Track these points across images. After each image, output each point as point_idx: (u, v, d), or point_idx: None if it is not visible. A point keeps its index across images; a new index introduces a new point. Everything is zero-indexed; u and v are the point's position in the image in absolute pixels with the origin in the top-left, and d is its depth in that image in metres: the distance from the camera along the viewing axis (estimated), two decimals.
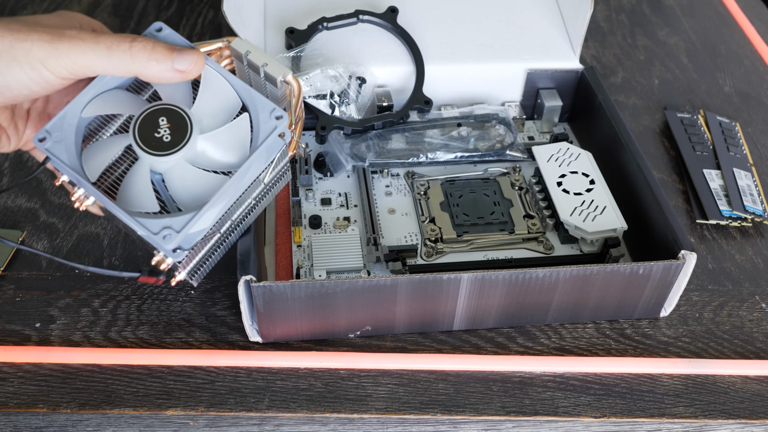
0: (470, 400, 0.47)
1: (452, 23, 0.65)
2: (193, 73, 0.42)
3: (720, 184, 0.62)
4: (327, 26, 0.62)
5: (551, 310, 0.50)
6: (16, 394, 0.46)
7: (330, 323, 0.48)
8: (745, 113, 0.72)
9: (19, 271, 0.53)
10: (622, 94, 0.73)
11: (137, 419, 0.46)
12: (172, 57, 0.41)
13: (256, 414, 0.45)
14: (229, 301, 0.52)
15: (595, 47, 0.80)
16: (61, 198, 0.59)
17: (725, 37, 0.83)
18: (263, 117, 0.44)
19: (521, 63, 0.63)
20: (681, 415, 0.46)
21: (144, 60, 0.41)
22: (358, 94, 0.59)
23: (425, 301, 0.48)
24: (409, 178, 0.59)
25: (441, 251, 0.53)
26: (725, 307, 0.54)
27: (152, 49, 0.41)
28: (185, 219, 0.41)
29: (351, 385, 0.47)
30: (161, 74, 0.42)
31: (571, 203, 0.53)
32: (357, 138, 0.59)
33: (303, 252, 0.54)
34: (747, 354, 0.50)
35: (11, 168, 0.61)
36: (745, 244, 0.58)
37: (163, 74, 0.42)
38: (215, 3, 0.82)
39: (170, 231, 0.41)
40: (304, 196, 0.58)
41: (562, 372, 0.49)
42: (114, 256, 0.55)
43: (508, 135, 0.61)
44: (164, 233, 0.41)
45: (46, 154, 0.43)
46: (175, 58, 0.41)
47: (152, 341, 0.49)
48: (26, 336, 0.49)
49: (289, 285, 0.45)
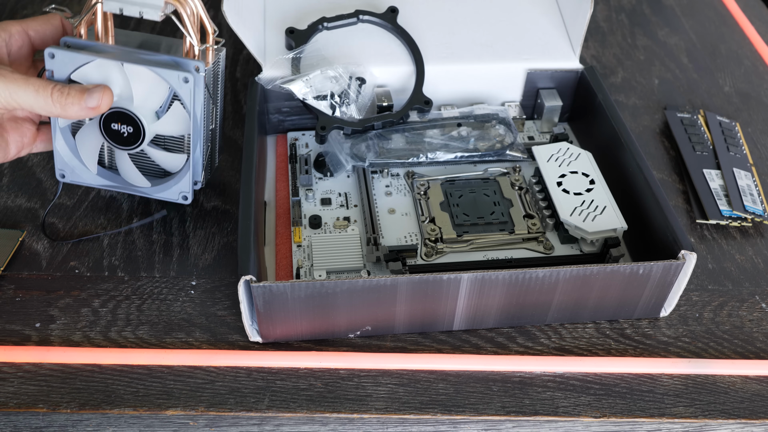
0: (470, 400, 0.47)
1: (452, 23, 0.65)
2: (103, 107, 0.49)
3: (720, 184, 0.62)
4: (327, 26, 0.62)
5: (551, 310, 0.50)
6: (16, 394, 0.46)
7: (330, 323, 0.48)
8: (745, 113, 0.72)
9: (19, 271, 0.53)
10: (622, 94, 0.73)
11: (137, 419, 0.46)
12: (83, 99, 0.48)
13: (256, 414, 0.45)
14: (229, 301, 0.52)
15: (595, 47, 0.80)
16: (61, 198, 0.59)
17: (725, 37, 0.83)
18: (177, 85, 0.50)
19: (521, 63, 0.63)
20: (681, 415, 0.46)
21: (61, 105, 0.48)
22: (358, 94, 0.59)
23: (425, 301, 0.48)
24: (409, 178, 0.59)
25: (441, 251, 0.53)
26: (725, 307, 0.54)
27: (67, 95, 0.48)
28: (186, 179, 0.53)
29: (351, 385, 0.47)
30: (78, 114, 0.49)
31: (571, 203, 0.53)
32: (357, 138, 0.59)
33: (303, 252, 0.54)
34: (747, 354, 0.50)
35: (11, 168, 0.61)
36: (745, 244, 0.58)
37: (79, 114, 0.49)
38: (215, 3, 0.82)
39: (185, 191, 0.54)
40: (304, 196, 0.58)
41: (562, 372, 0.49)
42: (114, 256, 0.55)
43: (508, 135, 0.61)
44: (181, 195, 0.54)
45: None
46: (86, 98, 0.48)
47: (152, 341, 0.49)
48: (26, 336, 0.49)
49: (289, 285, 0.45)
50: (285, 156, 0.61)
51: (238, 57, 0.75)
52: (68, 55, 0.49)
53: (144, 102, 0.51)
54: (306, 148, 0.62)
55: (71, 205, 0.58)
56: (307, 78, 0.58)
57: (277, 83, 0.59)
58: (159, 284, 0.53)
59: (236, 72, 0.73)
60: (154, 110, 0.52)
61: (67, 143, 0.53)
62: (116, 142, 0.52)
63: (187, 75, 0.49)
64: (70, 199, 0.59)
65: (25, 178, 0.60)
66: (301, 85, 0.58)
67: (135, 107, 0.50)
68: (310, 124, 0.64)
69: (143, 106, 0.51)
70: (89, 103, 0.48)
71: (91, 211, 0.58)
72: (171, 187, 0.54)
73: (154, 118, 0.52)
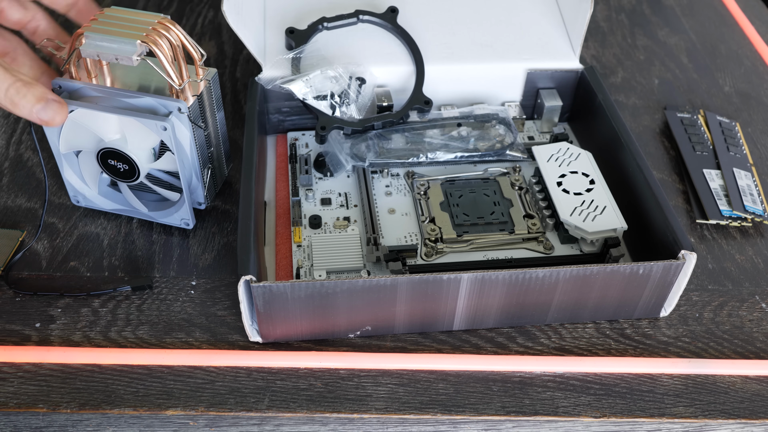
0: (470, 400, 0.47)
1: (452, 23, 0.65)
2: (56, 122, 0.48)
3: (720, 184, 0.62)
4: (327, 26, 0.62)
5: (551, 310, 0.50)
6: (16, 394, 0.46)
7: (330, 323, 0.48)
8: (745, 113, 0.72)
9: (19, 271, 0.53)
10: (622, 94, 0.73)
11: (137, 419, 0.46)
12: (36, 107, 0.47)
13: (256, 414, 0.45)
14: (229, 301, 0.52)
15: (595, 47, 0.80)
16: (61, 198, 0.59)
17: (725, 37, 0.83)
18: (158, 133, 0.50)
19: (521, 63, 0.63)
20: (681, 415, 0.46)
21: (11, 102, 0.47)
22: (358, 94, 0.59)
23: (425, 301, 0.48)
24: (409, 178, 0.59)
25: (441, 251, 0.53)
26: (725, 307, 0.54)
27: (23, 96, 0.47)
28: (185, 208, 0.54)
29: (351, 385, 0.47)
30: (29, 117, 0.48)
31: (571, 203, 0.53)
32: (357, 138, 0.59)
33: (303, 252, 0.54)
34: (747, 354, 0.50)
35: (11, 168, 0.61)
36: (745, 244, 0.58)
37: (30, 117, 0.48)
38: (215, 3, 0.82)
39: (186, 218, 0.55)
40: (304, 196, 0.58)
41: (562, 372, 0.49)
42: (114, 256, 0.55)
43: (508, 135, 0.61)
44: (183, 222, 0.56)
45: None
46: (39, 108, 0.47)
47: (152, 341, 0.49)
48: (26, 336, 0.49)
49: (289, 285, 0.45)
50: (285, 156, 0.61)
51: (238, 57, 0.75)
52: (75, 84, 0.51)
53: (139, 143, 0.52)
54: (306, 148, 0.62)
55: (71, 205, 0.58)
56: (307, 78, 0.58)
57: (277, 83, 0.59)
58: (159, 284, 0.53)
59: (236, 72, 0.73)
60: (150, 149, 0.53)
61: (73, 170, 0.55)
62: (114, 174, 0.53)
63: (164, 123, 0.49)
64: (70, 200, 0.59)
65: (25, 178, 0.60)
66: (301, 85, 0.58)
67: (129, 150, 0.52)
68: (310, 124, 0.64)
69: (138, 147, 0.52)
70: (41, 115, 0.48)
71: (91, 211, 0.58)
72: (173, 214, 0.55)
73: (150, 156, 0.53)
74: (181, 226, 0.56)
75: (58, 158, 0.54)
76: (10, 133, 0.65)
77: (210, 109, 0.54)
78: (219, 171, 0.58)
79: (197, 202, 0.56)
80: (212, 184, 0.57)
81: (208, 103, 0.54)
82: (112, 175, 0.53)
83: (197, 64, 0.52)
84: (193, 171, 0.53)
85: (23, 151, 0.63)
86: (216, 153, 0.57)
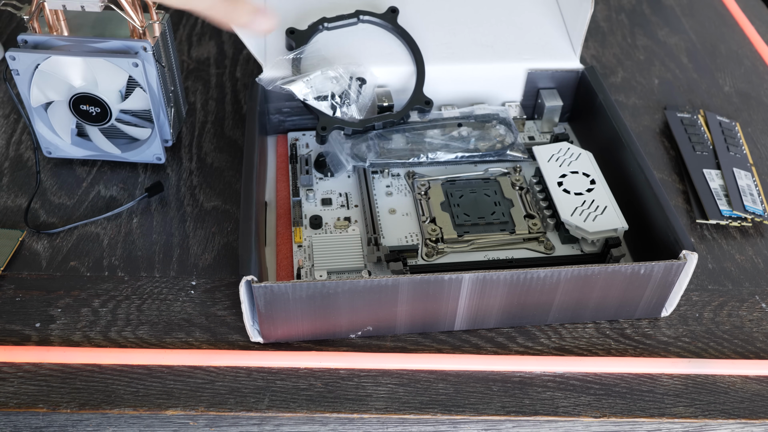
0: (470, 400, 0.47)
1: (452, 23, 0.65)
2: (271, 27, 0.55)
3: (720, 184, 0.62)
4: (327, 26, 0.62)
5: (552, 310, 0.50)
6: (16, 394, 0.46)
7: (331, 324, 0.48)
8: (745, 113, 0.72)
9: (19, 271, 0.53)
10: (622, 94, 0.73)
11: (137, 419, 0.46)
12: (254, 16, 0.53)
13: (256, 414, 0.45)
14: (230, 301, 0.52)
15: (595, 47, 0.80)
16: (61, 198, 0.59)
17: (725, 37, 0.83)
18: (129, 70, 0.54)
19: (521, 63, 0.63)
20: (681, 415, 0.47)
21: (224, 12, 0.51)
22: (359, 94, 0.59)
23: (426, 301, 0.48)
24: (409, 178, 0.59)
25: (442, 251, 0.53)
26: (725, 307, 0.54)
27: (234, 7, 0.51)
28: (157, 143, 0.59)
29: (351, 385, 0.47)
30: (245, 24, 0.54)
31: (571, 203, 0.53)
32: (357, 138, 0.59)
33: (304, 252, 0.54)
34: (747, 354, 0.50)
35: (11, 168, 0.61)
36: (745, 244, 0.58)
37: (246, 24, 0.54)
38: None
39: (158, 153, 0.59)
40: (304, 196, 0.57)
41: (562, 372, 0.49)
42: (114, 256, 0.55)
43: (508, 135, 0.61)
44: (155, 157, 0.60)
45: None
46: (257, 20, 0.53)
47: (152, 341, 0.49)
48: (26, 336, 0.49)
49: (291, 285, 0.45)
50: (285, 156, 0.61)
51: (238, 57, 0.75)
52: (28, 55, 0.54)
53: (108, 85, 0.55)
54: (306, 148, 0.62)
55: (71, 205, 0.58)
56: (307, 78, 0.58)
57: (278, 84, 0.59)
58: (159, 284, 0.53)
59: (236, 72, 0.73)
60: (118, 90, 0.56)
61: (44, 122, 0.58)
62: (86, 119, 0.57)
63: (135, 60, 0.53)
64: (70, 199, 0.59)
65: (25, 178, 0.60)
66: (301, 86, 0.58)
67: (100, 91, 0.55)
68: (311, 124, 0.64)
69: (108, 89, 0.56)
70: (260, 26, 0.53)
71: (91, 212, 0.58)
72: (144, 151, 0.59)
73: (118, 97, 0.57)
74: (153, 162, 0.60)
75: (30, 113, 0.57)
76: (10, 133, 0.65)
77: (165, 51, 0.58)
78: (178, 112, 0.63)
79: (164, 139, 0.60)
80: (176, 121, 0.62)
81: (163, 46, 0.58)
82: (84, 120, 0.57)
83: (152, 9, 0.56)
84: (161, 107, 0.57)
85: (23, 151, 0.63)
86: (175, 94, 0.61)
